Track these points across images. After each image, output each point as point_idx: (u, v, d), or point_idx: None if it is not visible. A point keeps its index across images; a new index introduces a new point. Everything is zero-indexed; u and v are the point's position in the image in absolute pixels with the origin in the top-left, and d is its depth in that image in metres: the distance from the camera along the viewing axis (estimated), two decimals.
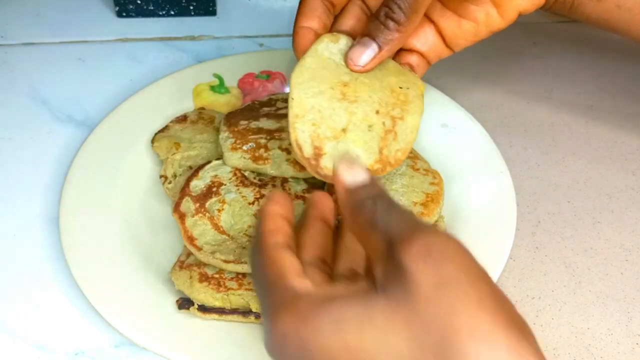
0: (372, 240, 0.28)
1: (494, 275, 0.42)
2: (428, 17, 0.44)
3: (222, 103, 0.56)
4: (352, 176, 0.31)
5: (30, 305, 0.43)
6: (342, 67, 0.40)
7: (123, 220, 0.46)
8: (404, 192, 0.45)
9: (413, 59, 0.45)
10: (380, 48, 0.39)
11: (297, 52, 0.41)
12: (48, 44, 0.65)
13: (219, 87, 0.57)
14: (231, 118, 0.50)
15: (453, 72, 0.64)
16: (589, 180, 0.54)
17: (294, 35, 0.42)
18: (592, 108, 0.61)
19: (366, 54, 0.39)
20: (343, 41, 0.41)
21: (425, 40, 0.45)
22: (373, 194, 0.30)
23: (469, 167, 0.51)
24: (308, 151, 0.37)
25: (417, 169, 0.47)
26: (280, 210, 0.33)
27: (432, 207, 0.45)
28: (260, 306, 0.32)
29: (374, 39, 0.39)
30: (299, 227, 0.34)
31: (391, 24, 0.38)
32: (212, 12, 0.69)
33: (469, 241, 0.45)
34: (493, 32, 0.46)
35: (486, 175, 0.50)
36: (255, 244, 0.32)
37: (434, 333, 0.24)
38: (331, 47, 0.40)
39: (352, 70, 0.39)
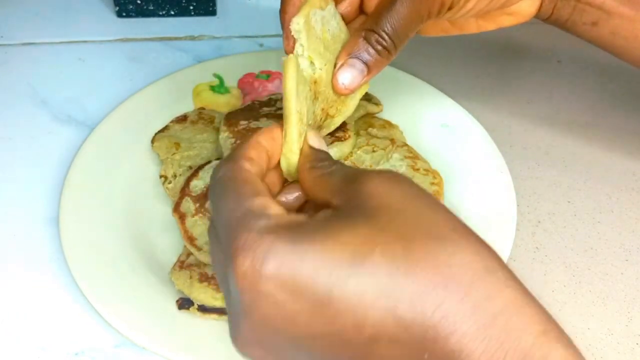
0: (328, 183, 0.30)
1: None
2: None
3: (222, 103, 0.56)
4: (319, 143, 0.33)
5: (31, 305, 0.43)
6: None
7: (123, 220, 0.46)
8: None
9: None
10: (369, 71, 0.39)
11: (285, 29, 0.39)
12: (48, 44, 0.65)
13: (219, 87, 0.57)
14: (231, 118, 0.50)
15: (453, 72, 0.64)
16: (589, 180, 0.54)
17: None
18: (592, 108, 0.61)
19: (356, 78, 0.38)
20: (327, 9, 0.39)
21: None
22: (330, 158, 0.32)
23: (469, 167, 0.51)
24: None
25: (417, 169, 0.47)
26: (268, 146, 0.32)
27: None
28: (217, 240, 0.29)
29: (364, 62, 0.38)
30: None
31: (382, 50, 0.38)
32: (212, 12, 0.69)
33: None
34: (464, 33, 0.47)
35: (486, 175, 0.50)
36: (223, 165, 0.31)
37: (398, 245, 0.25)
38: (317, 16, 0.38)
39: (339, 93, 0.38)
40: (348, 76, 0.38)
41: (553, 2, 0.44)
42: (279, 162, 0.33)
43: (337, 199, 0.28)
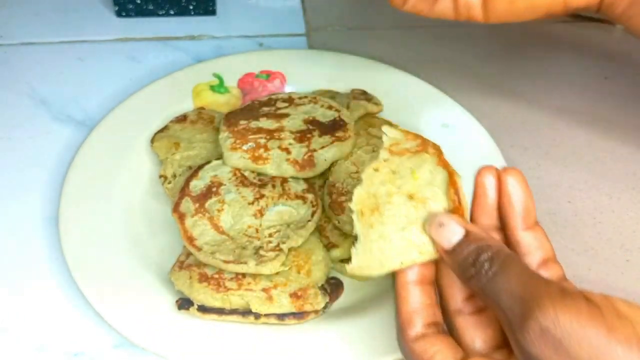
0: (490, 306, 0.29)
1: None
2: None
3: (222, 103, 0.56)
4: (445, 238, 0.32)
5: (30, 306, 0.43)
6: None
7: (123, 220, 0.46)
8: None
9: None
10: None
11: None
12: (47, 43, 0.65)
13: (219, 87, 0.57)
14: (231, 118, 0.50)
15: (453, 72, 0.64)
16: (589, 180, 0.54)
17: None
18: (592, 108, 0.61)
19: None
20: None
21: None
22: (471, 249, 0.31)
23: (469, 167, 0.51)
24: None
25: None
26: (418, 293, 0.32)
27: None
28: None
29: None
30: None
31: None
32: (212, 12, 0.69)
33: None
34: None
35: None
36: (397, 334, 0.32)
37: None
38: None
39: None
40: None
41: None
42: None
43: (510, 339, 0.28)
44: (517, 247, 0.35)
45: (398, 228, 0.34)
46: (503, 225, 0.36)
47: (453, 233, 0.32)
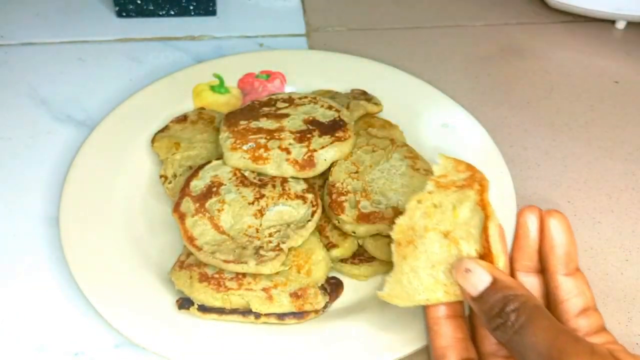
0: (516, 359, 0.29)
1: None
2: None
3: (222, 103, 0.56)
4: (471, 285, 0.31)
5: (30, 305, 0.43)
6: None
7: (123, 220, 0.46)
8: (404, 192, 0.45)
9: None
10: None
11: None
12: (48, 44, 0.65)
13: (219, 87, 0.57)
14: (231, 118, 0.50)
15: (453, 72, 0.64)
16: (589, 180, 0.54)
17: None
18: (592, 108, 0.61)
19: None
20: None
21: None
22: (497, 299, 0.30)
23: None
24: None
25: (417, 169, 0.47)
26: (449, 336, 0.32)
27: None
28: None
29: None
30: None
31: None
32: (212, 12, 0.69)
33: None
34: None
35: (486, 175, 0.50)
36: None
37: None
38: None
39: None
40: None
41: None
42: None
43: None
44: (556, 292, 0.34)
45: (428, 265, 0.35)
46: (543, 268, 0.35)
47: (480, 280, 0.31)
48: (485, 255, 0.34)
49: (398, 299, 0.35)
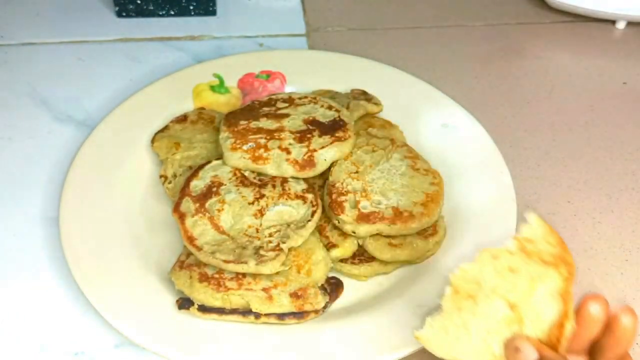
0: None
1: None
2: None
3: (222, 103, 0.56)
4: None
5: (31, 305, 0.43)
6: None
7: (123, 220, 0.46)
8: (404, 192, 0.45)
9: None
10: None
11: None
12: (48, 43, 0.65)
13: (219, 87, 0.57)
14: (231, 118, 0.50)
15: (453, 72, 0.64)
16: (589, 180, 0.54)
17: None
18: (592, 108, 0.61)
19: None
20: None
21: None
22: None
23: (469, 167, 0.51)
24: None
25: (417, 169, 0.47)
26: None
27: (432, 207, 0.45)
28: None
29: None
30: None
31: None
32: (212, 12, 0.69)
33: (469, 241, 0.45)
34: None
35: (486, 175, 0.50)
36: None
37: None
38: None
39: None
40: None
41: None
42: None
43: None
44: None
45: (483, 328, 0.32)
46: (595, 351, 0.34)
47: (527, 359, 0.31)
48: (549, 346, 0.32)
49: (437, 348, 0.33)
